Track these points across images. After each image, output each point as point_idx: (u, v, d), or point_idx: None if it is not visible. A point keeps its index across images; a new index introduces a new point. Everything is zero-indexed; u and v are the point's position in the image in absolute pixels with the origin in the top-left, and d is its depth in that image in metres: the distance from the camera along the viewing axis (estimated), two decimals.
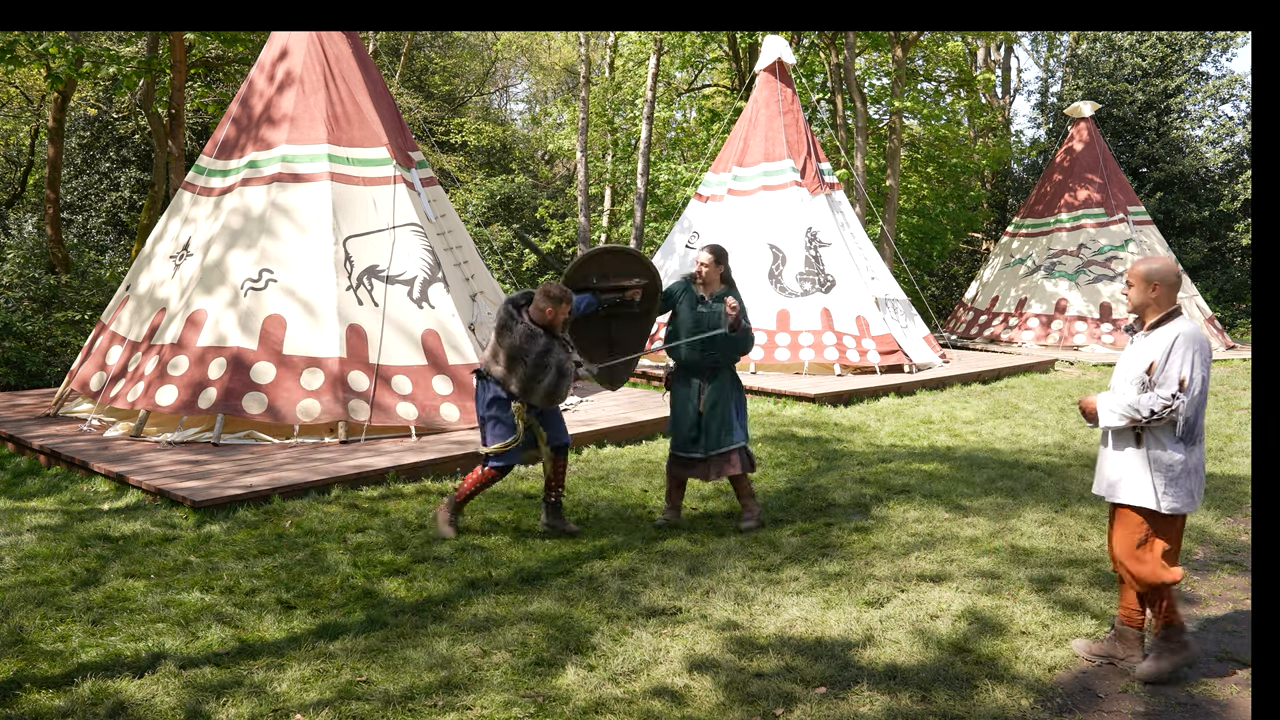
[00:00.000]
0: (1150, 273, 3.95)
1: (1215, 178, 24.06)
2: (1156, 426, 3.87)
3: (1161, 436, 3.88)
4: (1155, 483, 3.88)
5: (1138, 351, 3.97)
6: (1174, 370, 3.81)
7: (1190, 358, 3.81)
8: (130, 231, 20.60)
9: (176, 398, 8.08)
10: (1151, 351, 3.90)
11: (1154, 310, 3.97)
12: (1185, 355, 3.81)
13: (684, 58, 23.01)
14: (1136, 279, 3.98)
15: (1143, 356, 3.92)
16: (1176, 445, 3.87)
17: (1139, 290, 3.97)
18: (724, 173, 14.87)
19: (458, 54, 30.31)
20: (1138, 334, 4.03)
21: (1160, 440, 3.88)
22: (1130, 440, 3.95)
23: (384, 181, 9.20)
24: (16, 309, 13.04)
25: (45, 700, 3.68)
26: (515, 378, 5.63)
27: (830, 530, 6.02)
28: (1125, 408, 3.87)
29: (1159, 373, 3.84)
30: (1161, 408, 3.80)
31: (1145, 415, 3.82)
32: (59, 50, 11.68)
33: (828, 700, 3.74)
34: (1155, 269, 3.96)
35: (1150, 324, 3.97)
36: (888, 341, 13.11)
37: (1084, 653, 4.18)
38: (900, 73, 20.20)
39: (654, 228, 23.41)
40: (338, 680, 3.88)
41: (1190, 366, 3.81)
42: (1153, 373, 3.86)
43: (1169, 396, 3.79)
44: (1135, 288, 3.99)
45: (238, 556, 5.43)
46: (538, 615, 4.57)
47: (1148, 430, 3.89)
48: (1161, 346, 3.87)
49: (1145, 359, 3.91)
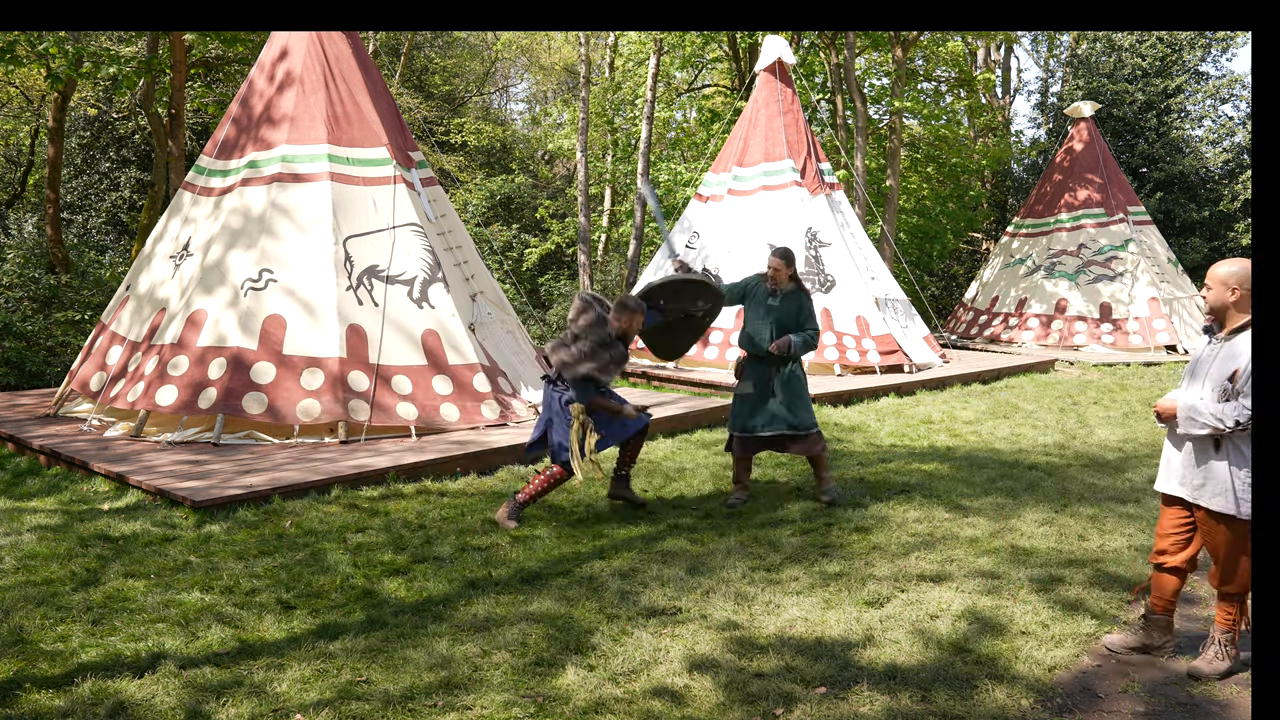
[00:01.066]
0: (1230, 275, 3.88)
1: (1215, 178, 24.06)
2: (1236, 434, 3.82)
3: (1240, 444, 3.85)
4: (1237, 489, 3.86)
5: (1220, 356, 3.90)
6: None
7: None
8: (130, 231, 20.61)
9: (176, 398, 8.08)
10: (1236, 358, 3.83)
11: (1235, 314, 3.90)
12: None
13: (684, 58, 23.01)
14: (1216, 281, 3.92)
15: (1226, 362, 3.86)
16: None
17: (1218, 292, 3.91)
18: (724, 173, 14.87)
19: (458, 54, 30.31)
20: (1216, 336, 3.97)
21: (1239, 448, 3.85)
22: (1209, 446, 3.91)
23: (384, 181, 9.21)
24: (16, 309, 13.05)
25: (45, 700, 3.68)
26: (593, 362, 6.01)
27: (830, 530, 6.02)
28: (1209, 416, 3.81)
29: (1244, 381, 3.78)
30: (1247, 418, 3.74)
31: (1230, 425, 3.77)
32: (59, 50, 11.68)
33: (828, 700, 3.74)
34: (1235, 271, 3.89)
35: (1232, 328, 3.90)
36: (888, 341, 13.12)
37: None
38: (900, 73, 20.20)
39: (654, 228, 23.41)
40: (338, 680, 3.88)
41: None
42: (1236, 380, 3.81)
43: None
44: (1214, 290, 3.92)
45: (238, 556, 5.43)
46: (538, 615, 4.57)
47: (1227, 438, 3.86)
48: (1247, 354, 3.79)
49: (1229, 365, 3.84)
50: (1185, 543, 4.12)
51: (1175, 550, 4.14)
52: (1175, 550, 4.14)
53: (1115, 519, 6.28)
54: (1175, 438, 4.09)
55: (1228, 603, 4.03)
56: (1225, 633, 4.03)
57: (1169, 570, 4.18)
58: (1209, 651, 4.04)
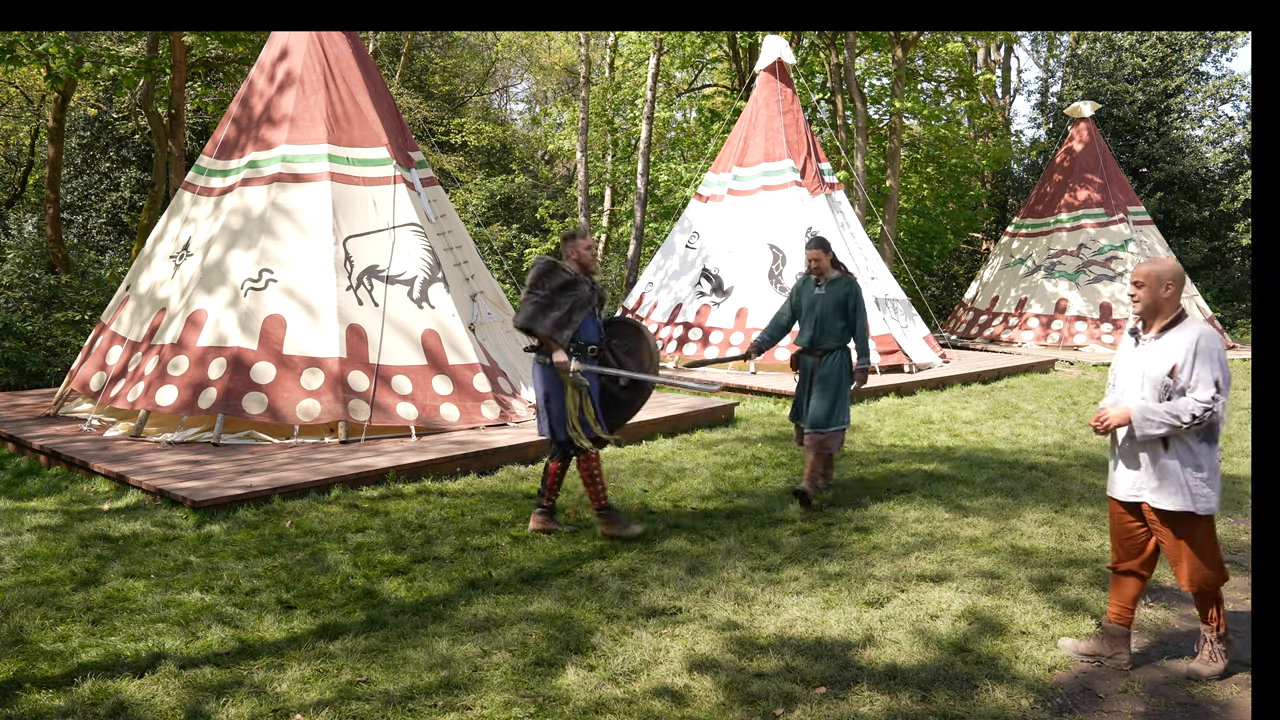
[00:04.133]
0: (1163, 273, 3.88)
1: (1215, 178, 24.07)
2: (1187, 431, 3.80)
3: (1189, 440, 3.84)
4: (1191, 486, 3.84)
5: (1153, 355, 3.88)
6: (1206, 372, 3.73)
7: (1219, 358, 3.75)
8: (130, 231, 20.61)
9: (176, 398, 8.08)
10: (1172, 354, 3.82)
11: (1165, 311, 3.90)
12: (1213, 355, 3.75)
13: (684, 58, 23.01)
14: (1149, 279, 3.89)
15: (1162, 360, 3.84)
16: (1202, 446, 3.84)
17: (1151, 290, 3.89)
18: (724, 173, 14.87)
19: (458, 54, 30.31)
20: (1144, 337, 3.96)
21: (1187, 444, 3.84)
22: (1159, 446, 3.89)
23: (384, 181, 9.20)
24: (16, 309, 13.05)
25: (45, 700, 3.68)
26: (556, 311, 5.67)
27: (830, 530, 6.02)
28: (1165, 415, 3.78)
29: (1187, 376, 3.76)
30: (1203, 411, 3.73)
31: (1187, 421, 3.75)
32: (59, 50, 11.68)
33: (828, 700, 3.74)
34: (1168, 269, 3.89)
35: (1162, 326, 3.90)
36: (888, 341, 13.11)
37: (1072, 651, 4.19)
38: (900, 73, 20.20)
39: (654, 228, 23.41)
40: (338, 680, 3.88)
41: (1220, 367, 3.75)
42: (1176, 375, 3.79)
43: (1208, 399, 3.72)
44: (1147, 288, 3.89)
45: (238, 556, 5.43)
46: (538, 615, 4.57)
47: (1175, 436, 3.84)
48: (1183, 348, 3.79)
49: (1165, 362, 3.83)
50: (1140, 547, 4.09)
51: (1132, 555, 4.12)
52: (1132, 555, 4.12)
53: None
54: (1121, 444, 4.05)
55: (1204, 602, 4.01)
56: (1214, 631, 4.01)
57: (1125, 573, 4.15)
58: (1204, 652, 4.02)
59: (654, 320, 14.16)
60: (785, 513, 6.44)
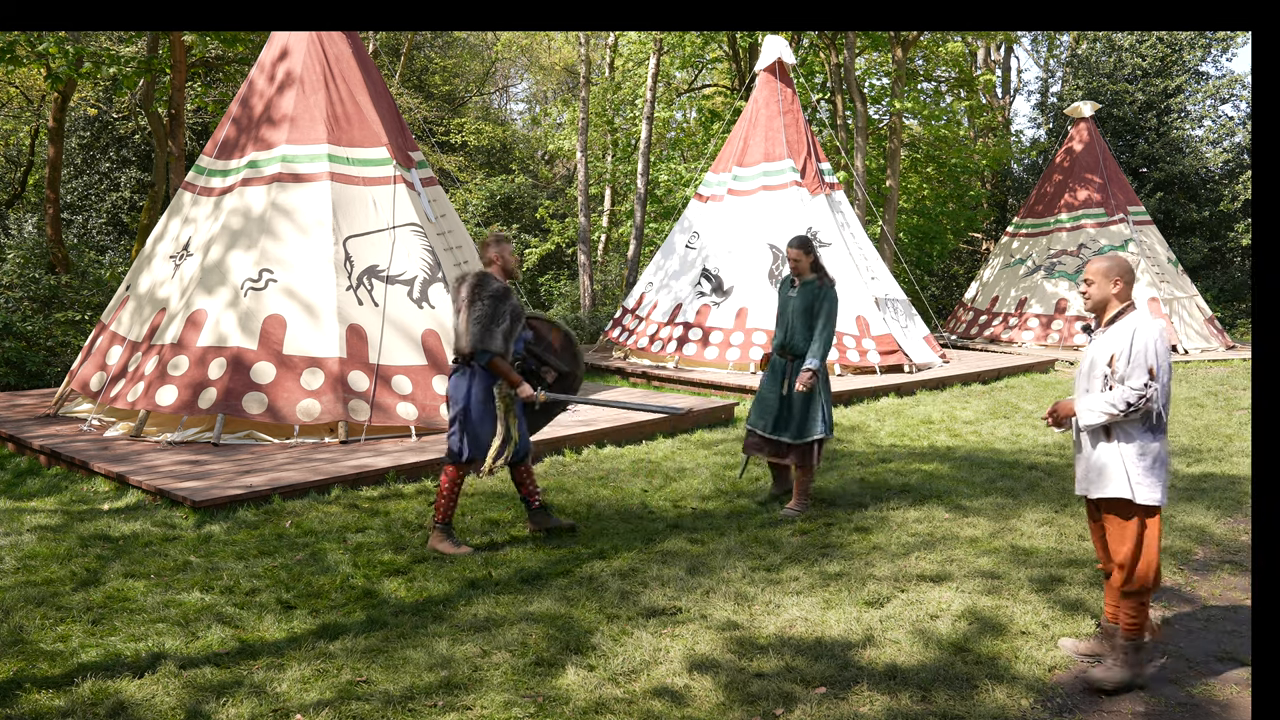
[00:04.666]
0: (1110, 269, 3.94)
1: (1215, 178, 24.06)
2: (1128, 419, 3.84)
3: (1129, 428, 3.87)
4: (1130, 474, 3.86)
5: (1099, 348, 3.95)
6: (1140, 360, 3.79)
7: (1154, 346, 3.80)
8: (130, 231, 20.61)
9: (176, 398, 8.08)
10: (1111, 345, 3.88)
11: (1113, 305, 3.96)
12: (1149, 344, 3.80)
13: (684, 58, 23.00)
14: (1098, 275, 3.95)
15: (1105, 351, 3.91)
16: (1145, 435, 3.86)
17: (1100, 286, 3.95)
18: (724, 173, 14.87)
19: (458, 54, 30.30)
20: (1095, 331, 4.02)
21: (1129, 431, 3.87)
22: (1101, 435, 3.93)
23: (384, 181, 9.21)
24: (16, 309, 13.05)
25: (45, 700, 3.68)
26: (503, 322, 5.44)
27: (830, 530, 6.02)
28: (1104, 404, 3.84)
29: (1124, 365, 3.82)
30: (1137, 398, 3.78)
31: (1123, 409, 3.80)
32: (59, 50, 11.67)
33: (828, 700, 3.74)
34: (1116, 264, 3.95)
35: (1108, 320, 3.96)
36: (888, 341, 13.11)
37: (1072, 651, 4.19)
38: (900, 73, 20.20)
39: (654, 228, 23.40)
40: (338, 680, 3.88)
41: (1156, 355, 3.79)
42: (1114, 365, 3.84)
43: (1141, 386, 3.78)
44: (1097, 284, 3.95)
45: (238, 556, 5.43)
46: (538, 615, 4.57)
47: (1117, 424, 3.88)
48: (1123, 338, 3.85)
49: (1106, 353, 3.89)
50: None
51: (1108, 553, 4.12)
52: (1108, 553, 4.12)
53: None
54: (1075, 439, 4.09)
55: (1129, 601, 3.94)
56: (1129, 639, 3.92)
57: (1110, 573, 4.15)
58: (1110, 659, 3.96)
59: (654, 320, 14.16)
60: (785, 513, 6.44)
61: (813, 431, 6.38)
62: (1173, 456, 8.31)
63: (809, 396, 6.39)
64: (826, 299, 6.37)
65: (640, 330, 14.30)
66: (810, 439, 6.39)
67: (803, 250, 6.42)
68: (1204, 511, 6.44)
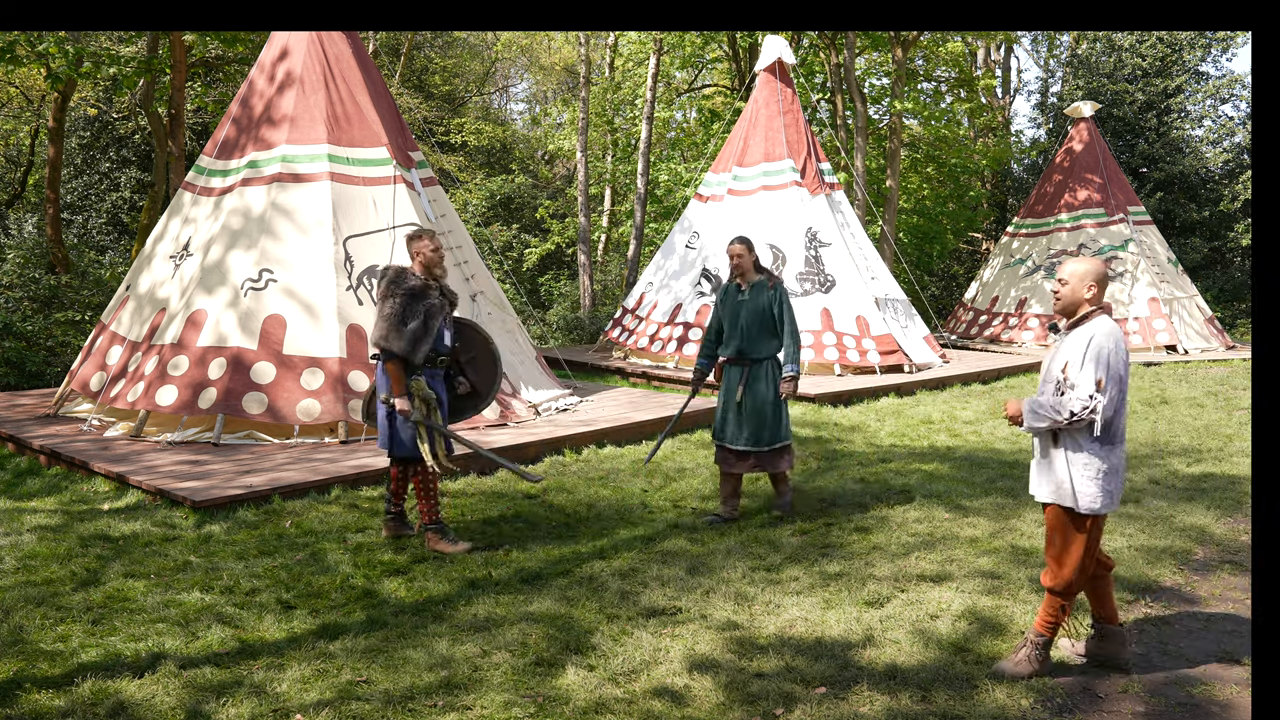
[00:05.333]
0: (1086, 273, 3.93)
1: (1215, 178, 24.06)
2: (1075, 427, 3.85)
3: (1077, 436, 3.88)
4: (1074, 482, 3.88)
5: (1058, 351, 3.96)
6: (1090, 370, 3.79)
7: (1105, 358, 3.79)
8: (130, 231, 20.61)
9: (176, 398, 8.08)
10: (1068, 352, 3.89)
11: (1081, 309, 3.95)
12: (1100, 356, 3.79)
13: (684, 58, 23.01)
14: (1073, 278, 3.94)
15: (1062, 356, 3.91)
16: (1093, 445, 3.86)
17: (1073, 289, 3.93)
18: (724, 173, 14.87)
19: (458, 54, 30.31)
20: (1062, 332, 4.03)
21: (1077, 441, 3.88)
22: (1049, 440, 3.95)
23: (384, 181, 9.21)
24: (16, 309, 13.05)
25: (45, 700, 3.68)
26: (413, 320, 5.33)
27: (830, 530, 6.02)
28: (1048, 409, 3.85)
29: (1075, 373, 3.82)
30: (1081, 408, 3.78)
31: (1066, 417, 3.81)
32: (59, 50, 11.68)
33: (828, 700, 3.74)
34: (1092, 269, 3.94)
35: (1073, 323, 3.95)
36: (888, 341, 13.12)
37: (1069, 651, 4.19)
38: (900, 73, 20.20)
39: (654, 228, 23.41)
40: (338, 680, 3.88)
41: (1105, 367, 3.78)
42: (1067, 373, 3.85)
43: (1086, 397, 3.78)
44: (1071, 285, 3.94)
45: (238, 556, 5.43)
46: (538, 615, 4.57)
47: (1064, 431, 3.89)
48: (1078, 347, 3.86)
49: (1063, 358, 3.90)
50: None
51: None
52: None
53: (1115, 519, 6.27)
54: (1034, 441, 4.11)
55: (1052, 603, 3.97)
56: (1041, 636, 3.97)
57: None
58: (1019, 654, 3.99)
59: (654, 320, 14.17)
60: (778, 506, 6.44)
61: (784, 436, 6.24)
62: (1173, 456, 8.31)
63: (777, 402, 6.21)
64: (783, 299, 6.21)
65: (640, 330, 14.31)
66: (782, 444, 6.24)
67: (746, 247, 6.26)
68: (1204, 511, 6.44)
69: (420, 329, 5.33)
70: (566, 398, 10.10)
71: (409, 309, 5.32)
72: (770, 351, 6.26)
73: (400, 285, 5.36)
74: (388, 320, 5.29)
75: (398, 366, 5.34)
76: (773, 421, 6.21)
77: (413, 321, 5.31)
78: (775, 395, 6.22)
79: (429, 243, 5.54)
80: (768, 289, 6.23)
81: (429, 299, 5.41)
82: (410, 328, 5.31)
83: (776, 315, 6.21)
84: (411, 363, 5.37)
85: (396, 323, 5.29)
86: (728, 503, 6.32)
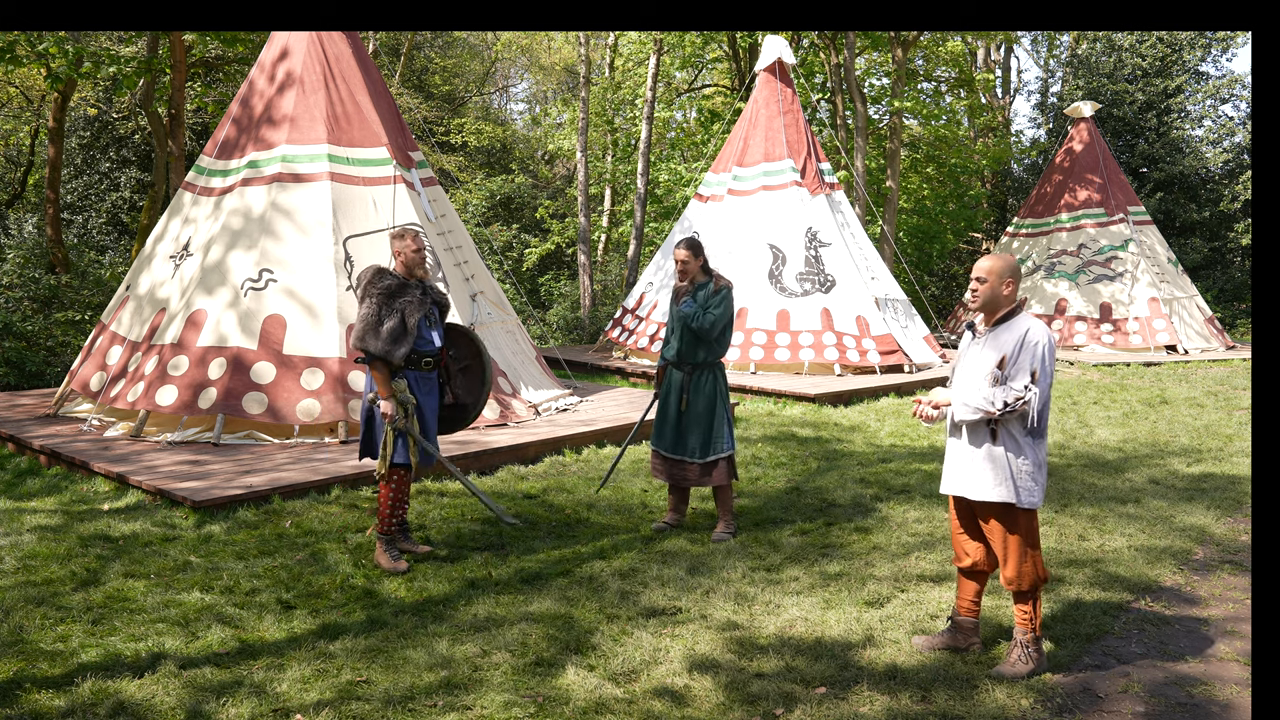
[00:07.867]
0: (1003, 270, 3.96)
1: (1215, 178, 24.06)
2: (1008, 421, 3.88)
3: (1014, 431, 3.90)
4: (1016, 479, 3.91)
5: (985, 348, 3.97)
6: (1026, 363, 3.83)
7: (1041, 353, 3.83)
8: (130, 231, 20.61)
9: (176, 398, 8.08)
10: (1002, 346, 3.91)
11: (1002, 306, 3.97)
12: (1037, 348, 3.84)
13: (684, 58, 23.01)
14: (991, 275, 3.95)
15: (992, 352, 3.93)
16: (1027, 439, 3.90)
17: (992, 286, 3.95)
18: (724, 173, 14.87)
19: (458, 54, 30.31)
20: (980, 330, 4.04)
21: (1014, 436, 3.90)
22: (985, 436, 3.96)
23: (384, 181, 9.21)
24: (16, 309, 13.05)
25: (45, 700, 3.68)
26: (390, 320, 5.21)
27: (830, 530, 6.02)
28: (981, 400, 3.87)
29: (1010, 365, 3.85)
30: (1015, 399, 3.81)
31: (999, 408, 3.83)
32: (59, 50, 11.68)
33: (828, 700, 3.74)
34: (1008, 266, 3.97)
35: (996, 320, 3.97)
36: (888, 341, 13.12)
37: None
38: (900, 73, 20.20)
39: (654, 228, 23.41)
40: (338, 680, 3.88)
41: (1041, 360, 3.82)
42: (1004, 367, 3.86)
43: (1021, 388, 3.81)
44: (989, 283, 3.95)
45: (238, 556, 5.43)
46: (538, 615, 4.57)
47: (1001, 425, 3.91)
48: (1013, 340, 3.88)
49: (995, 354, 3.91)
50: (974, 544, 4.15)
51: (972, 553, 4.16)
52: (972, 553, 4.16)
53: (1115, 519, 6.28)
54: (950, 436, 4.13)
55: (1023, 602, 4.00)
56: (1026, 634, 4.01)
57: (966, 573, 4.20)
58: (1014, 655, 4.01)
59: (654, 320, 14.16)
60: (785, 513, 6.45)
61: (719, 448, 5.91)
62: (1173, 456, 8.31)
63: (711, 411, 5.92)
64: (725, 297, 5.86)
65: (640, 330, 14.30)
66: (718, 455, 5.92)
67: (692, 252, 5.92)
68: (1204, 511, 6.44)
69: (398, 327, 5.22)
70: (566, 398, 10.10)
71: (385, 308, 5.23)
72: (712, 356, 5.96)
73: (376, 285, 5.27)
74: (364, 321, 5.20)
75: (380, 368, 5.24)
76: (705, 432, 5.92)
77: (389, 320, 5.21)
78: (713, 404, 5.94)
79: (410, 242, 5.44)
80: (711, 292, 5.89)
81: (406, 296, 5.31)
82: (387, 327, 5.20)
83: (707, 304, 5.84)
84: (392, 363, 5.25)
85: (374, 323, 5.20)
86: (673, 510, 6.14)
